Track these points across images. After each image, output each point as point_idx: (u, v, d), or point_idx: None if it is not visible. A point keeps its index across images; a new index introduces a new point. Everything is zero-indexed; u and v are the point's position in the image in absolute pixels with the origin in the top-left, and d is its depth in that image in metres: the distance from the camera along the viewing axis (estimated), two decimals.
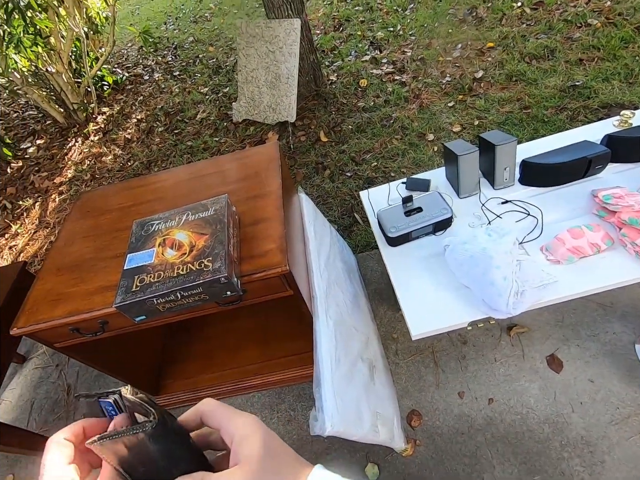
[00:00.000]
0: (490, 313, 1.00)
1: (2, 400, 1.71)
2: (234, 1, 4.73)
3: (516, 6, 2.98)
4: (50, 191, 2.84)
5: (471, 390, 1.30)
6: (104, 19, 3.46)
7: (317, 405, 0.89)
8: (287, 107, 2.52)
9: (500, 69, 2.53)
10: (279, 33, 2.39)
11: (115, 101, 3.60)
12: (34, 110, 3.78)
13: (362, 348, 1.21)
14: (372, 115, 2.53)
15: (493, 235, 1.05)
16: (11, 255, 2.46)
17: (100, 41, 3.70)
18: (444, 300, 1.06)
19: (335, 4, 3.88)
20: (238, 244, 0.88)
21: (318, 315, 1.00)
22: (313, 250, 1.12)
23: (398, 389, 1.35)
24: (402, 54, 2.97)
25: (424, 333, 1.03)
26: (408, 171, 2.11)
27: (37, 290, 0.95)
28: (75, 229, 1.12)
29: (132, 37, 4.67)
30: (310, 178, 2.29)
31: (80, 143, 3.22)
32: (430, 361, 1.40)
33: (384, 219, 1.21)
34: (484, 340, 1.39)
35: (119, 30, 4.66)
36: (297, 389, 1.44)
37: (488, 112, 2.27)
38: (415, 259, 1.17)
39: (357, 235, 1.91)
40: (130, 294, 0.75)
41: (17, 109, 4.00)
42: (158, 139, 2.98)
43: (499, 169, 1.23)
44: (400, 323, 1.52)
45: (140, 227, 0.88)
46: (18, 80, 2.88)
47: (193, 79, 3.56)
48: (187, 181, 1.17)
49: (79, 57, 3.30)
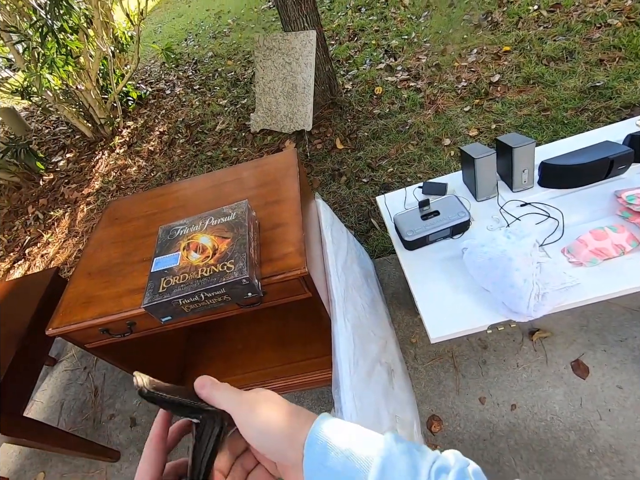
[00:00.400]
0: (510, 316, 0.99)
1: (34, 401, 1.78)
2: (251, 16, 4.88)
3: (532, 9, 2.96)
4: (79, 202, 2.98)
5: (493, 396, 1.27)
6: (129, 38, 3.64)
7: (336, 406, 0.90)
8: (303, 116, 2.57)
9: (517, 72, 2.51)
10: (295, 45, 2.46)
11: (139, 115, 3.76)
12: (64, 126, 3.99)
13: (380, 352, 1.21)
14: (387, 122, 2.55)
15: (512, 238, 1.05)
16: (43, 262, 2.58)
17: (125, 59, 3.89)
18: (463, 303, 1.06)
19: (350, 15, 3.96)
20: (258, 247, 0.91)
21: (336, 319, 1.01)
22: (330, 254, 1.14)
23: (417, 394, 1.34)
24: (417, 60, 2.99)
25: (443, 336, 1.03)
26: (424, 176, 2.11)
27: (69, 293, 1.01)
28: (104, 235, 1.18)
29: (155, 54, 4.88)
30: (326, 185, 2.32)
31: (106, 156, 3.37)
32: (449, 366, 1.38)
33: (401, 223, 1.22)
34: (505, 345, 1.37)
35: (143, 48, 4.88)
36: (316, 393, 1.45)
37: (505, 115, 2.26)
38: (432, 263, 1.17)
39: (374, 241, 1.92)
40: (157, 294, 0.78)
41: (49, 125, 4.24)
42: (179, 150, 3.09)
43: (517, 171, 1.22)
44: (419, 327, 1.51)
45: (165, 232, 0.92)
46: (50, 98, 3.05)
47: (212, 91, 3.68)
48: (208, 189, 1.22)
49: (106, 75, 3.47)
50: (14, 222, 3.02)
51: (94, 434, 1.60)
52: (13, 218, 3.07)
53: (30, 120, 4.51)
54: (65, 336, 0.96)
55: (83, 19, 2.76)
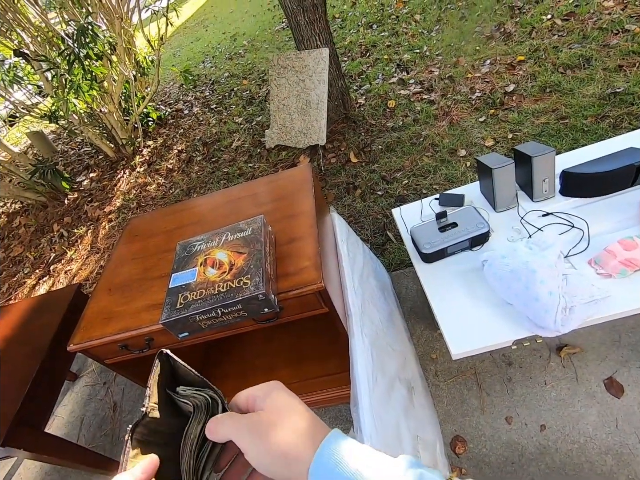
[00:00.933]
0: (536, 331, 0.95)
1: (56, 416, 1.81)
2: (265, 37, 5.04)
3: (546, 19, 2.95)
4: (101, 219, 3.08)
5: (520, 416, 1.21)
6: (149, 62, 3.80)
7: (355, 425, 0.87)
8: (317, 131, 2.60)
9: (533, 81, 2.48)
10: (308, 63, 2.51)
11: (159, 135, 3.89)
12: (88, 147, 4.17)
13: (400, 368, 1.17)
14: (401, 135, 2.55)
15: (534, 249, 1.01)
16: (66, 279, 2.66)
17: (146, 82, 4.06)
18: (485, 318, 1.02)
19: (362, 32, 4.03)
20: (274, 262, 0.90)
21: (353, 334, 0.99)
22: (346, 268, 1.13)
23: (439, 413, 1.29)
24: (430, 73, 3.00)
25: (465, 352, 0.99)
26: (440, 187, 2.09)
27: (91, 309, 1.03)
28: (124, 252, 1.20)
29: (174, 77, 5.07)
30: (341, 198, 2.32)
31: (127, 174, 3.48)
32: (472, 383, 1.33)
33: (418, 236, 1.20)
34: (531, 362, 1.31)
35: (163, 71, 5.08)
36: (334, 411, 1.42)
37: (522, 124, 2.22)
38: (452, 275, 1.14)
39: (391, 253, 1.89)
40: (174, 310, 0.79)
41: (74, 146, 4.43)
42: (197, 168, 3.17)
43: (537, 180, 1.19)
44: (439, 343, 1.47)
45: (183, 248, 0.93)
46: (76, 121, 3.20)
47: (228, 110, 3.78)
48: (225, 204, 1.23)
49: (128, 97, 3.62)
50: (40, 240, 3.13)
51: (113, 450, 1.60)
52: (39, 236, 3.19)
53: (57, 142, 4.73)
54: (85, 352, 0.98)
55: (107, 46, 2.91)
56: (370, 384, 0.94)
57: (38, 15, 2.82)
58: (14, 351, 1.26)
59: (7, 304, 2.64)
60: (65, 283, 2.63)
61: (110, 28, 3.07)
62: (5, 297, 2.71)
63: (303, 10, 2.32)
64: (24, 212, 3.50)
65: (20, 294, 2.69)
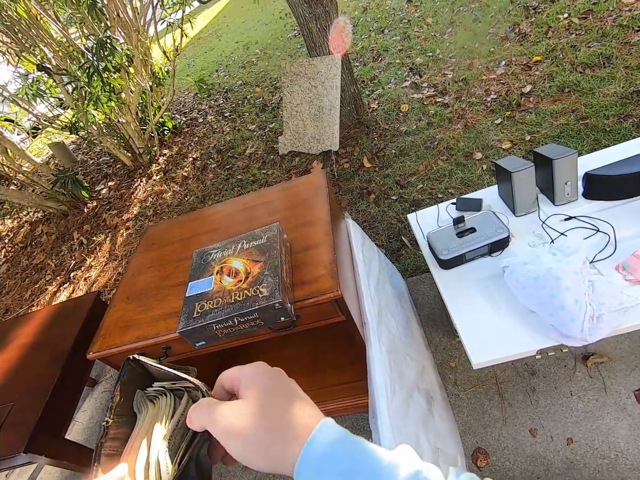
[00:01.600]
0: (562, 340, 0.91)
1: (75, 422, 1.84)
2: (277, 45, 5.10)
3: (562, 17, 2.89)
4: (119, 227, 3.14)
5: (545, 428, 1.16)
6: (165, 73, 3.89)
7: (374, 437, 0.85)
8: (330, 137, 2.60)
9: (550, 81, 2.43)
10: (320, 69, 2.52)
11: (174, 143, 3.97)
12: (106, 157, 4.28)
13: (418, 377, 1.15)
14: (415, 139, 2.53)
15: (558, 255, 0.98)
16: (85, 285, 2.72)
17: (162, 92, 4.15)
18: (507, 326, 0.99)
19: (373, 37, 4.03)
20: (290, 270, 0.90)
21: (370, 342, 0.98)
22: (362, 275, 1.11)
23: (459, 424, 1.25)
24: (443, 76, 2.98)
25: (486, 362, 0.96)
26: (456, 192, 2.05)
27: (109, 317, 1.04)
28: (141, 260, 1.21)
29: (188, 86, 5.17)
30: (355, 204, 2.31)
31: (144, 183, 3.55)
32: (494, 393, 1.29)
33: (435, 241, 1.17)
34: (555, 371, 1.26)
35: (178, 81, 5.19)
36: (351, 420, 1.39)
37: (540, 126, 2.17)
38: (471, 282, 1.12)
39: (406, 259, 1.86)
40: (191, 319, 0.79)
41: (93, 156, 4.55)
42: (211, 175, 3.21)
43: (559, 184, 1.16)
44: (458, 351, 1.43)
45: (199, 257, 0.93)
46: (95, 131, 3.29)
47: (242, 117, 3.83)
48: (240, 212, 1.24)
49: (145, 108, 3.71)
50: (61, 248, 3.22)
51: None
52: (60, 243, 3.28)
53: (77, 152, 4.87)
54: (104, 360, 0.99)
55: (125, 58, 2.99)
56: (388, 394, 0.92)
57: (60, 30, 2.92)
58: (35, 358, 1.28)
59: (29, 310, 2.72)
60: (84, 290, 2.68)
61: (128, 41, 3.16)
62: (28, 304, 2.79)
63: (315, 17, 2.34)
64: (46, 221, 3.61)
65: (42, 300, 2.77)
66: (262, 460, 0.28)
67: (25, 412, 1.12)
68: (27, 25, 2.80)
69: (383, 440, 0.83)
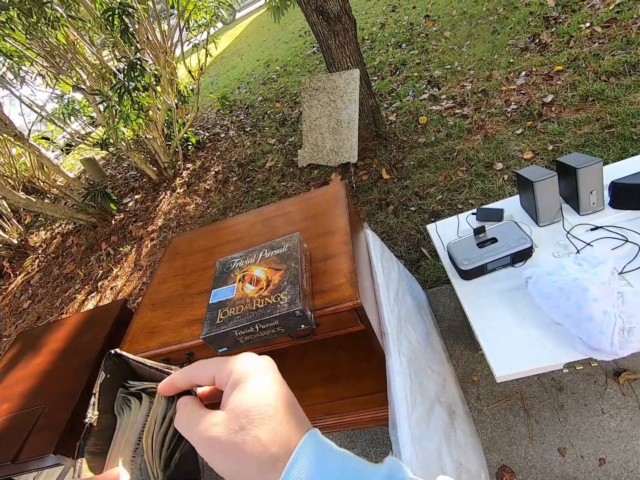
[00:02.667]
0: (591, 353, 0.88)
1: None
2: (297, 62, 5.24)
3: (585, 27, 2.85)
4: (144, 238, 3.25)
5: (575, 447, 1.11)
6: (190, 91, 4.06)
7: (394, 449, 0.84)
8: (348, 149, 2.64)
9: (573, 90, 2.39)
10: (339, 84, 2.58)
11: (197, 157, 4.11)
12: (134, 171, 4.47)
13: (439, 390, 1.13)
14: (433, 150, 2.52)
15: (584, 265, 0.95)
16: (112, 294, 2.82)
17: (186, 109, 4.32)
18: (531, 338, 0.96)
19: (391, 51, 4.09)
20: (310, 278, 0.91)
21: (390, 353, 0.97)
22: (381, 285, 1.12)
23: (483, 440, 1.22)
24: (462, 88, 2.98)
25: (510, 375, 0.94)
26: (476, 202, 2.03)
27: (136, 324, 1.08)
28: (166, 269, 1.26)
29: (211, 103, 5.37)
30: (373, 215, 2.31)
31: (168, 195, 3.68)
32: (519, 409, 1.24)
33: (455, 252, 1.17)
34: (585, 387, 1.21)
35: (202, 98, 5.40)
36: (370, 433, 1.37)
37: (563, 135, 2.13)
38: (493, 293, 1.10)
39: (426, 270, 1.85)
40: (214, 326, 0.81)
41: (121, 170, 4.77)
42: (232, 188, 3.29)
43: (584, 193, 1.13)
44: (480, 364, 1.40)
45: (222, 265, 0.96)
46: (124, 147, 3.46)
47: (262, 132, 3.93)
48: (260, 223, 1.27)
49: (170, 124, 3.87)
50: (90, 258, 3.35)
51: None
52: (89, 254, 3.42)
53: (107, 167, 5.11)
54: None
55: (153, 78, 3.15)
56: (408, 406, 0.91)
57: (94, 54, 3.12)
58: (65, 363, 1.34)
59: (59, 317, 2.84)
60: (111, 298, 2.78)
61: (156, 62, 3.33)
62: (58, 311, 2.91)
63: (334, 34, 2.41)
64: (77, 232, 3.78)
65: (71, 308, 2.88)
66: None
67: (55, 415, 1.17)
68: (65, 50, 3.00)
69: (404, 453, 0.82)
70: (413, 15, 4.59)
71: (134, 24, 3.05)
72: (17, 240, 3.88)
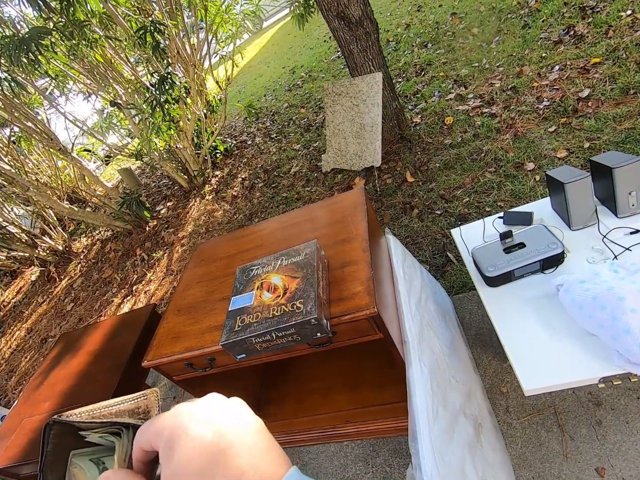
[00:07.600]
0: (629, 368, 0.82)
1: None
2: (321, 67, 5.28)
3: (625, 15, 2.68)
4: (175, 244, 3.38)
5: (615, 468, 1.03)
6: (218, 101, 4.20)
7: (414, 462, 0.82)
8: (372, 153, 2.62)
9: (612, 83, 2.25)
10: (362, 88, 2.57)
11: (225, 165, 4.23)
12: (166, 180, 4.66)
13: (464, 402, 1.08)
14: (460, 151, 2.45)
15: (621, 272, 0.89)
16: (145, 298, 2.95)
17: (214, 118, 4.47)
18: (563, 350, 0.91)
19: (416, 52, 4.03)
20: (327, 286, 0.91)
21: (410, 362, 0.95)
22: (403, 292, 1.09)
23: (512, 455, 1.16)
24: (490, 86, 2.88)
25: (540, 389, 0.89)
26: (506, 205, 1.95)
27: (162, 329, 1.12)
28: (192, 275, 1.30)
29: (238, 111, 5.52)
30: (397, 219, 2.28)
31: (198, 202, 3.81)
32: (552, 424, 1.17)
33: (480, 258, 1.12)
34: (626, 403, 1.12)
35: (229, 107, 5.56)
36: (393, 443, 1.34)
37: (601, 132, 2.01)
38: (521, 301, 1.05)
39: (452, 276, 1.79)
40: (233, 333, 0.83)
41: (155, 179, 4.99)
42: (258, 194, 3.36)
43: (621, 194, 1.06)
44: (510, 375, 1.33)
45: (242, 273, 0.98)
46: (156, 157, 3.62)
47: (287, 138, 3.99)
48: (282, 229, 1.29)
49: (199, 133, 4.01)
50: (126, 263, 3.53)
51: None
52: (125, 259, 3.60)
53: (142, 176, 5.37)
54: (157, 368, 1.06)
55: (183, 90, 3.28)
56: (430, 418, 0.88)
57: (129, 70, 3.30)
58: (99, 365, 1.41)
59: (98, 320, 3.00)
60: (144, 302, 2.91)
61: (186, 74, 3.47)
62: (97, 314, 3.08)
63: (356, 39, 2.41)
64: (114, 239, 3.99)
65: (108, 311, 3.04)
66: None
67: None
68: (104, 67, 3.20)
69: (424, 466, 0.79)
70: (439, 13, 4.50)
71: (165, 40, 3.19)
72: (62, 247, 4.15)
